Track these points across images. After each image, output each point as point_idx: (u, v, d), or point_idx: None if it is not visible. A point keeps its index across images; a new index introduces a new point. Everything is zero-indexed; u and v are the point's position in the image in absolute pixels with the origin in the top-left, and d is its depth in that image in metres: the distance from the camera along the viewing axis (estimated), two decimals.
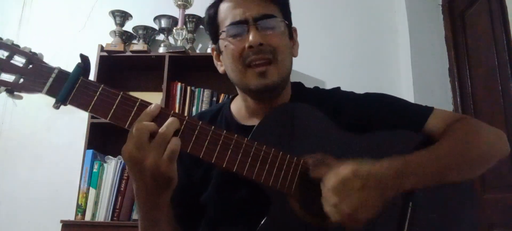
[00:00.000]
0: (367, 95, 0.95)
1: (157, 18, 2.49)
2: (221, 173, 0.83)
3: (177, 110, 2.23)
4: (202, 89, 2.35)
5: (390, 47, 2.48)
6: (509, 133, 1.74)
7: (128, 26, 2.52)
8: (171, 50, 2.33)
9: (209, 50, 2.44)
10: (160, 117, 0.67)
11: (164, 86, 2.27)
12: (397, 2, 2.51)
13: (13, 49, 0.69)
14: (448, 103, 2.23)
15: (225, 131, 0.72)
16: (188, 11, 2.43)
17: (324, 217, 0.70)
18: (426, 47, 2.32)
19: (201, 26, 2.56)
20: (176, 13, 2.43)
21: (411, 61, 2.29)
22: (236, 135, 0.72)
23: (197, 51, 2.55)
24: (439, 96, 2.24)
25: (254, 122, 0.83)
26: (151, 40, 2.55)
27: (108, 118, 0.67)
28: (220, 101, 2.28)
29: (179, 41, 2.38)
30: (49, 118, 2.50)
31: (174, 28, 2.40)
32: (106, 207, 2.01)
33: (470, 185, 0.87)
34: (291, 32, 0.92)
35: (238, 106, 0.95)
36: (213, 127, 0.71)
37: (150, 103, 0.69)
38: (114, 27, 2.48)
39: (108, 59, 2.33)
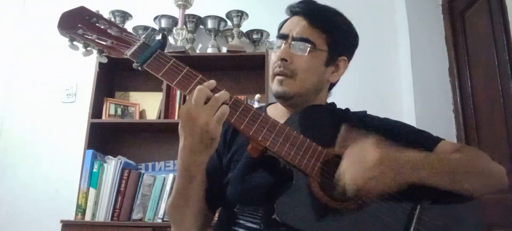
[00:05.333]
0: (387, 119, 1.05)
1: (157, 18, 2.50)
2: (247, 157, 0.90)
3: (177, 111, 2.26)
4: None
5: (390, 47, 2.48)
6: (509, 132, 1.75)
7: (128, 26, 2.52)
8: (171, 50, 2.32)
9: (209, 50, 2.44)
10: (214, 91, 0.81)
11: (164, 86, 2.27)
12: (397, 2, 2.51)
13: (110, 22, 0.91)
14: (448, 104, 2.23)
15: (264, 113, 0.84)
16: (188, 11, 2.43)
17: (341, 201, 0.80)
18: (426, 47, 2.32)
19: (201, 26, 2.57)
20: (176, 13, 2.43)
21: (411, 61, 2.29)
22: (272, 118, 0.84)
23: (197, 51, 2.54)
24: (439, 96, 2.24)
25: None
26: (151, 40, 2.55)
27: (173, 84, 0.83)
28: None
29: (179, 41, 2.38)
30: (49, 118, 2.50)
31: (174, 28, 2.40)
32: (106, 207, 2.02)
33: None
34: (331, 60, 1.01)
35: (272, 111, 1.05)
36: (255, 107, 0.84)
37: (207, 80, 0.83)
38: None
39: (109, 59, 2.32)
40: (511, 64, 1.73)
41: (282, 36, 1.00)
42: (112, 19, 0.90)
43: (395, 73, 2.43)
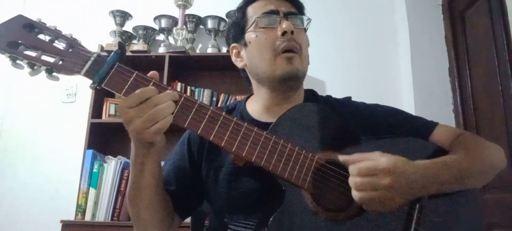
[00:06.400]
0: (377, 105, 1.00)
1: (157, 18, 2.50)
2: (232, 163, 0.86)
3: None
4: (202, 89, 2.35)
5: (390, 47, 2.48)
6: (509, 132, 1.75)
7: (128, 26, 2.52)
8: (171, 50, 2.33)
9: (209, 50, 2.44)
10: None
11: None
12: (397, 2, 2.51)
13: (56, 33, 0.74)
14: (448, 104, 2.23)
15: (246, 123, 0.76)
16: (188, 11, 2.43)
17: (335, 211, 0.78)
18: (426, 47, 2.33)
19: (201, 26, 2.57)
20: (176, 13, 2.43)
21: (411, 61, 2.29)
22: (256, 128, 0.77)
23: (197, 51, 2.55)
24: (439, 96, 2.24)
25: (268, 119, 0.86)
26: (151, 40, 2.55)
27: None
28: (220, 101, 2.28)
29: (179, 41, 2.38)
30: (49, 117, 2.50)
31: (174, 28, 2.40)
32: (106, 207, 2.01)
33: (475, 190, 0.92)
34: None
35: (253, 105, 1.00)
36: (235, 118, 0.76)
37: (186, 95, 0.74)
38: (114, 27, 2.48)
39: None
40: (511, 64, 1.73)
41: (273, 12, 0.91)
42: (58, 28, 0.76)
43: (395, 73, 2.43)
